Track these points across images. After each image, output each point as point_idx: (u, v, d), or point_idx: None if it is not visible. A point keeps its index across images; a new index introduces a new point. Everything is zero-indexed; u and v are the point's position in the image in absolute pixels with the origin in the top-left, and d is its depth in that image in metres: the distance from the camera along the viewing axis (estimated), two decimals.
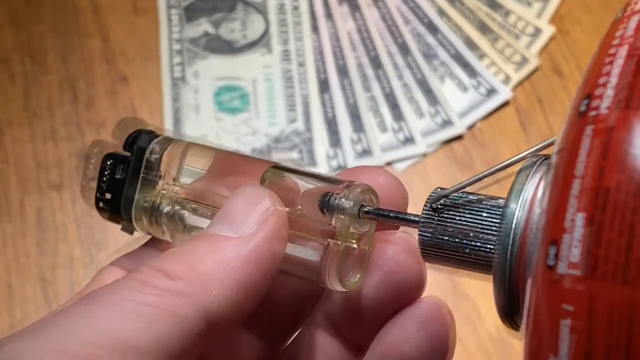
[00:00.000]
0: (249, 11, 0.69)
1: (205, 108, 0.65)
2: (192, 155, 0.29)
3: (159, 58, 0.66)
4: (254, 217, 0.25)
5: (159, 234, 0.29)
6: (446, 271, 0.62)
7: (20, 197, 0.61)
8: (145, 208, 0.28)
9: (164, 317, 0.22)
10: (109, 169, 0.29)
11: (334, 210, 0.25)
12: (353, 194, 0.25)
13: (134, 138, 0.29)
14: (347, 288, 0.26)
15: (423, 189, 0.62)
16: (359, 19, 0.69)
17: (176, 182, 0.28)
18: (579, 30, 0.68)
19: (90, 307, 0.22)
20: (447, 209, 0.26)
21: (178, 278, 0.23)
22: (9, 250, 0.59)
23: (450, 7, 0.69)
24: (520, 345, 0.62)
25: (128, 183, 0.28)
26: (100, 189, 0.29)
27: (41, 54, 0.66)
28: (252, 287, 0.24)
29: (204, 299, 0.23)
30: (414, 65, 0.67)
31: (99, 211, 0.29)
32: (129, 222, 0.29)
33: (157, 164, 0.28)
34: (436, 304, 0.27)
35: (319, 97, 0.65)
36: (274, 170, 0.27)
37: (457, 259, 0.25)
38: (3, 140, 0.63)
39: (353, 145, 0.63)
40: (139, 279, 0.23)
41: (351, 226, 0.26)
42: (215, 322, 0.23)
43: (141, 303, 0.22)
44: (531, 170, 0.24)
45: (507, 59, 0.67)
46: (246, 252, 0.24)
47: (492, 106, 0.65)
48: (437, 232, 0.26)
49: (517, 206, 0.23)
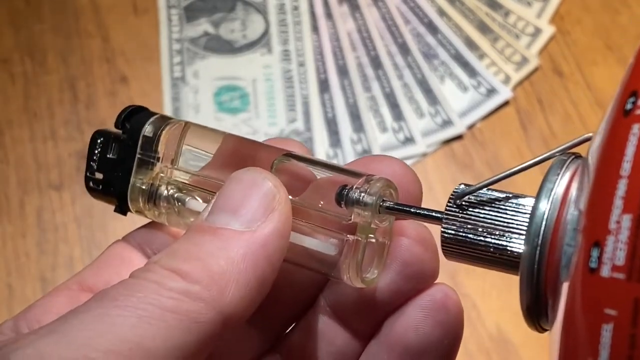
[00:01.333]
0: (249, 11, 0.69)
1: (205, 108, 0.65)
2: (192, 137, 0.27)
3: (159, 58, 0.66)
4: (259, 206, 0.24)
5: (154, 216, 0.28)
6: (449, 268, 0.62)
7: (20, 197, 0.61)
8: (142, 190, 0.27)
9: (182, 323, 0.21)
10: (100, 147, 0.28)
11: (353, 204, 0.24)
12: (375, 188, 0.25)
13: (126, 115, 0.28)
14: (365, 284, 0.25)
15: (423, 189, 0.62)
16: (359, 19, 0.69)
17: (174, 165, 0.27)
18: (579, 30, 0.68)
19: (108, 310, 0.21)
20: (472, 205, 0.25)
21: (194, 281, 0.22)
22: (9, 250, 0.59)
23: (450, 7, 0.69)
24: (521, 345, 0.62)
25: (122, 163, 0.27)
26: (89, 167, 0.28)
27: (41, 54, 0.66)
28: (264, 281, 0.23)
29: (220, 302, 0.22)
30: (414, 65, 0.67)
31: (89, 190, 0.28)
32: (123, 203, 0.28)
33: (154, 145, 0.27)
34: (445, 292, 0.26)
35: (319, 97, 0.65)
36: (285, 158, 0.26)
37: (481, 258, 0.25)
38: (3, 140, 0.63)
39: (353, 145, 0.63)
40: (154, 280, 0.22)
41: (371, 221, 0.25)
42: (229, 323, 0.23)
43: (160, 307, 0.21)
44: (562, 168, 0.24)
45: (507, 59, 0.67)
46: (258, 248, 0.23)
47: (492, 106, 0.65)
48: (461, 229, 0.25)
49: (547, 205, 0.23)
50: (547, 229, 0.23)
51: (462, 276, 0.58)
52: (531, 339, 0.56)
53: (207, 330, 0.22)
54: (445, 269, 0.58)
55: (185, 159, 0.27)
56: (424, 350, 0.26)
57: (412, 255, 0.26)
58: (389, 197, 0.25)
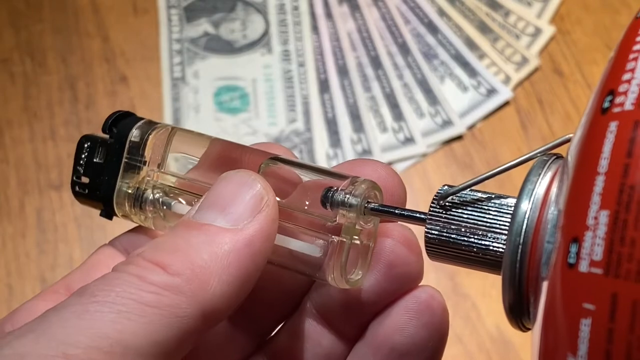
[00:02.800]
0: (249, 11, 0.69)
1: (205, 108, 0.65)
2: (178, 141, 0.28)
3: (159, 58, 0.66)
4: (247, 206, 0.24)
5: (140, 220, 0.28)
6: (448, 269, 0.62)
7: (20, 197, 0.61)
8: (128, 194, 0.27)
9: (163, 317, 0.21)
10: (87, 151, 0.28)
11: (338, 205, 0.25)
12: (359, 190, 0.25)
13: (113, 120, 0.28)
14: (350, 285, 0.25)
15: (423, 189, 0.62)
16: (359, 19, 0.69)
17: (161, 169, 0.27)
18: (579, 30, 0.68)
19: (86, 306, 0.21)
20: (455, 206, 0.25)
21: (176, 273, 0.22)
22: (9, 251, 0.59)
23: (450, 7, 0.69)
24: (521, 345, 0.62)
25: (109, 167, 0.27)
26: (76, 172, 0.28)
27: (41, 54, 0.66)
28: (246, 280, 0.23)
29: (202, 296, 0.22)
30: (414, 65, 0.67)
31: (75, 195, 0.28)
32: (109, 207, 0.28)
33: (141, 149, 0.27)
34: (429, 294, 0.26)
35: (319, 97, 0.65)
36: (272, 162, 0.26)
37: (464, 258, 0.25)
38: (3, 140, 0.63)
39: (353, 145, 0.63)
40: (135, 273, 0.22)
41: (356, 223, 0.25)
42: (210, 319, 0.23)
43: (140, 302, 0.21)
44: (543, 168, 0.24)
45: (507, 59, 0.67)
46: (242, 246, 0.23)
47: (492, 106, 0.65)
48: (445, 230, 0.25)
49: (528, 204, 0.23)
50: (528, 228, 0.23)
51: (462, 276, 0.58)
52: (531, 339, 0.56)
53: (188, 325, 0.22)
54: (445, 269, 0.59)
55: (172, 163, 0.27)
56: (410, 351, 0.26)
57: (397, 256, 0.26)
58: (374, 198, 0.25)
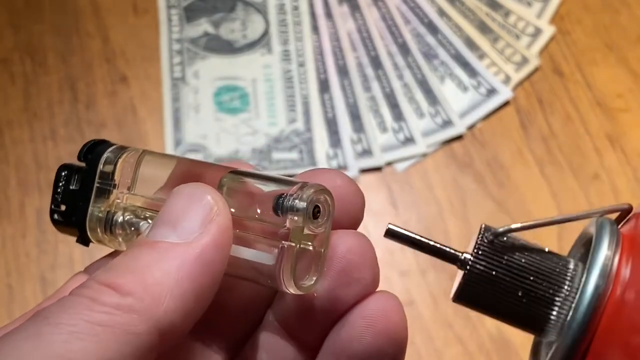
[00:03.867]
0: (249, 11, 0.69)
1: (205, 108, 0.65)
2: (147, 163, 0.28)
3: (159, 58, 0.66)
4: (197, 218, 0.24)
5: (114, 244, 0.28)
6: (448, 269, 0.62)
7: (20, 198, 0.61)
8: (99, 218, 0.28)
9: (116, 335, 0.21)
10: (64, 179, 0.28)
11: (287, 211, 0.25)
12: (306, 194, 0.25)
13: (88, 147, 0.28)
14: (302, 291, 0.25)
15: (423, 189, 0.62)
16: (359, 19, 0.69)
17: (131, 191, 0.28)
18: (579, 30, 0.68)
19: (39, 329, 0.21)
20: (504, 248, 0.25)
21: (127, 293, 0.22)
22: (9, 251, 0.59)
23: (450, 7, 0.69)
24: (521, 345, 0.62)
25: (82, 193, 0.28)
26: (55, 200, 0.28)
27: (41, 54, 0.66)
28: (201, 293, 0.23)
29: (155, 312, 0.22)
30: (414, 65, 0.67)
31: (53, 223, 0.29)
32: (83, 233, 0.28)
33: (111, 173, 0.28)
34: (386, 300, 0.26)
35: (319, 97, 0.65)
36: (231, 176, 0.26)
37: (505, 302, 0.25)
38: (3, 141, 0.63)
39: (353, 145, 0.63)
40: (88, 296, 0.22)
41: (305, 227, 0.25)
42: (167, 333, 0.22)
43: (91, 322, 0.21)
44: (613, 241, 0.24)
45: (507, 59, 0.67)
46: (193, 259, 0.23)
47: (492, 106, 0.65)
48: (493, 266, 0.25)
49: (603, 281, 0.23)
50: (599, 305, 0.23)
51: None
52: (531, 339, 0.56)
53: (143, 342, 0.22)
54: (444, 269, 0.58)
55: (142, 185, 0.28)
56: (369, 359, 0.26)
57: (349, 263, 0.26)
58: (324, 202, 0.25)
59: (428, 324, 0.57)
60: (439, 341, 0.56)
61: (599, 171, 0.62)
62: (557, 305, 0.24)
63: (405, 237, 0.26)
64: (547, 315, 0.25)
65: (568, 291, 0.24)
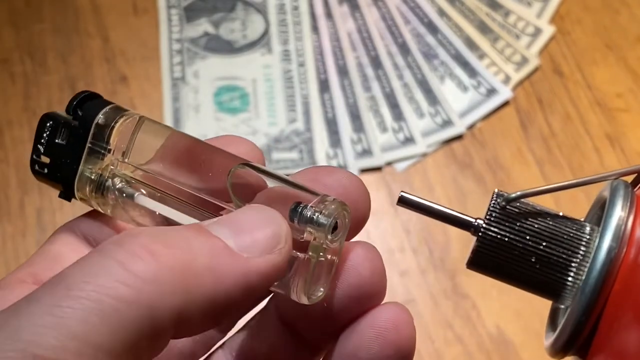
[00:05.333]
0: (249, 11, 0.69)
1: (205, 108, 0.65)
2: (145, 131, 0.27)
3: (159, 58, 0.66)
4: (264, 239, 0.23)
5: (98, 205, 0.27)
6: (448, 269, 0.62)
7: (20, 197, 0.61)
8: (90, 179, 0.27)
9: (137, 315, 0.20)
10: (48, 130, 0.27)
11: (306, 222, 0.24)
12: (329, 210, 0.24)
13: (79, 101, 0.27)
14: (312, 302, 0.25)
15: (423, 189, 0.62)
16: (359, 19, 0.69)
17: (125, 158, 0.27)
18: (579, 30, 0.68)
19: (59, 301, 0.20)
20: (518, 214, 0.24)
21: (163, 265, 0.21)
22: (9, 250, 0.59)
23: (450, 7, 0.69)
24: (521, 345, 0.62)
25: (71, 150, 0.27)
26: (36, 150, 0.27)
27: (41, 54, 0.66)
28: (228, 307, 0.22)
29: (181, 299, 0.21)
30: (414, 65, 0.67)
31: (34, 173, 0.27)
32: (69, 190, 0.27)
33: (106, 136, 0.26)
34: (397, 311, 0.26)
35: (319, 97, 0.65)
36: (242, 167, 0.26)
37: (518, 267, 0.24)
38: (3, 140, 0.63)
39: (353, 145, 0.63)
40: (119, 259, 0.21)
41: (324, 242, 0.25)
42: (183, 325, 0.22)
43: (114, 298, 0.20)
44: (627, 202, 0.24)
45: (507, 59, 0.67)
46: (240, 275, 0.22)
47: (492, 106, 0.65)
48: (506, 232, 0.24)
49: (616, 243, 0.23)
50: (612, 268, 0.23)
51: (462, 276, 0.58)
52: (531, 339, 0.56)
53: (161, 327, 0.21)
54: (444, 269, 0.59)
55: (136, 153, 0.27)
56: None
57: (360, 277, 0.26)
58: (342, 218, 0.25)
59: (428, 323, 0.57)
60: (439, 341, 0.56)
61: (598, 171, 0.62)
62: (573, 270, 0.24)
63: (417, 204, 0.26)
64: (562, 281, 0.24)
65: (583, 255, 0.24)
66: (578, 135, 0.64)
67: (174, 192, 0.26)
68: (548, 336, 0.25)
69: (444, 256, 0.59)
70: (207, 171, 0.26)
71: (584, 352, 0.24)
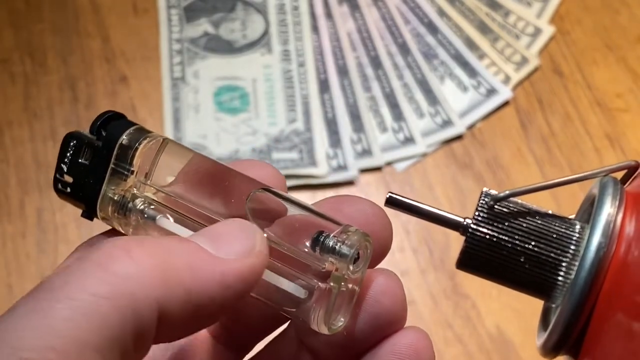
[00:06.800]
0: (249, 11, 0.69)
1: (205, 108, 0.65)
2: (167, 153, 0.27)
3: (159, 58, 0.66)
4: (239, 245, 0.23)
5: (119, 226, 0.27)
6: (448, 269, 0.62)
7: (20, 197, 0.61)
8: (112, 200, 0.27)
9: (119, 310, 0.20)
10: (72, 149, 0.27)
11: (328, 252, 0.24)
12: (352, 240, 0.24)
13: (103, 122, 0.27)
14: (331, 332, 0.25)
15: (423, 189, 0.62)
16: (359, 19, 0.69)
17: (147, 180, 0.27)
18: (579, 30, 0.68)
19: (40, 304, 0.20)
20: (506, 213, 0.24)
21: (139, 260, 0.21)
22: (9, 250, 0.59)
23: (450, 7, 0.69)
24: (521, 345, 0.62)
25: (95, 170, 0.27)
26: (59, 169, 0.27)
27: (41, 54, 0.66)
28: (207, 306, 0.23)
29: (159, 292, 0.21)
30: (414, 65, 0.67)
31: (56, 192, 0.28)
32: (91, 210, 0.27)
33: (129, 158, 0.27)
34: (417, 337, 0.26)
35: (319, 97, 0.65)
36: (262, 192, 0.26)
37: (508, 267, 0.24)
38: (3, 140, 0.63)
39: (353, 145, 0.63)
40: (97, 261, 0.21)
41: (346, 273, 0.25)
42: (166, 320, 0.22)
43: (96, 295, 0.20)
44: (616, 199, 0.23)
45: (507, 59, 0.67)
46: (218, 273, 0.23)
47: (492, 106, 0.65)
48: (495, 231, 0.24)
49: (605, 240, 0.23)
50: (602, 265, 0.22)
51: (462, 276, 0.58)
52: (531, 339, 0.56)
53: (143, 323, 0.21)
54: (444, 269, 0.59)
55: (159, 175, 0.27)
56: None
57: (382, 307, 0.26)
58: (364, 249, 0.25)
59: (428, 324, 0.57)
60: (439, 341, 0.56)
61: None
62: (563, 268, 0.24)
63: (405, 204, 0.26)
64: (552, 280, 0.24)
65: (573, 254, 0.24)
66: (578, 135, 0.64)
67: (195, 215, 0.26)
68: (540, 336, 0.25)
69: (444, 256, 0.59)
70: (227, 195, 0.26)
71: (576, 351, 0.24)
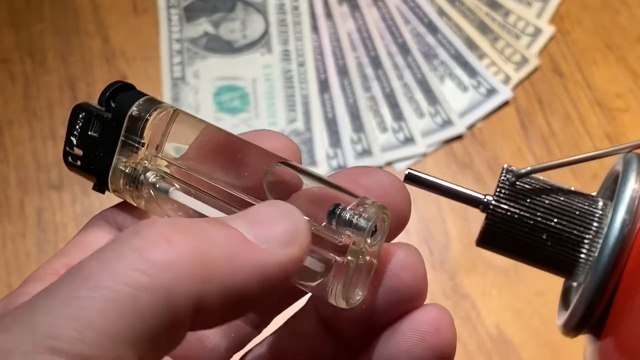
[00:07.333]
0: (249, 11, 0.69)
1: (205, 108, 0.65)
2: (179, 124, 0.26)
3: (159, 58, 0.66)
4: (282, 231, 0.22)
5: (131, 198, 0.27)
6: (448, 269, 0.62)
7: (20, 197, 0.61)
8: (124, 173, 0.26)
9: (155, 303, 0.20)
10: (81, 121, 0.26)
11: (345, 225, 0.24)
12: (369, 213, 0.24)
13: (112, 93, 0.26)
14: (349, 306, 0.25)
15: None
16: (359, 19, 0.69)
17: (159, 152, 0.26)
18: (579, 30, 0.68)
19: (77, 291, 0.20)
20: (528, 190, 0.24)
21: (178, 251, 0.21)
22: (9, 250, 0.59)
23: (450, 7, 0.69)
24: (521, 345, 0.62)
25: (105, 143, 0.26)
26: (69, 142, 0.26)
27: (41, 54, 0.66)
28: (245, 298, 0.22)
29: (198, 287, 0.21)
30: (414, 65, 0.67)
31: (67, 165, 0.27)
32: (102, 183, 0.27)
33: (140, 129, 0.26)
34: (438, 314, 0.26)
35: (319, 97, 0.65)
36: (280, 165, 0.25)
37: (529, 244, 0.24)
38: (3, 140, 0.63)
39: (353, 145, 0.63)
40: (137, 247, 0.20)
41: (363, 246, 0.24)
42: (201, 314, 0.21)
43: (133, 287, 0.20)
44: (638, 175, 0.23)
45: (507, 59, 0.67)
46: (259, 266, 0.22)
47: (492, 106, 0.65)
48: (517, 207, 0.24)
49: (630, 217, 0.22)
50: (627, 242, 0.22)
51: (462, 276, 0.58)
52: (531, 338, 0.56)
53: (179, 315, 0.20)
54: (444, 269, 0.58)
55: (170, 147, 0.26)
56: None
57: (402, 282, 0.26)
58: (382, 222, 0.24)
59: None
60: None
61: (598, 171, 0.62)
62: (586, 246, 0.23)
63: (425, 181, 0.25)
64: (575, 257, 0.23)
65: (596, 231, 0.23)
66: (578, 135, 0.64)
67: (208, 188, 0.26)
68: (561, 314, 0.25)
69: (444, 256, 0.59)
70: (242, 168, 0.25)
71: (598, 330, 0.23)
